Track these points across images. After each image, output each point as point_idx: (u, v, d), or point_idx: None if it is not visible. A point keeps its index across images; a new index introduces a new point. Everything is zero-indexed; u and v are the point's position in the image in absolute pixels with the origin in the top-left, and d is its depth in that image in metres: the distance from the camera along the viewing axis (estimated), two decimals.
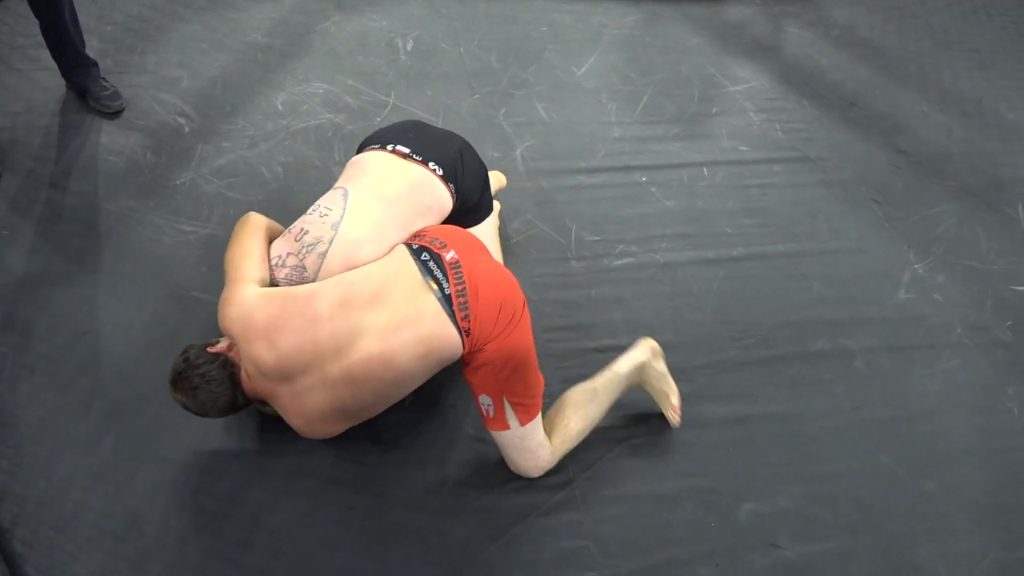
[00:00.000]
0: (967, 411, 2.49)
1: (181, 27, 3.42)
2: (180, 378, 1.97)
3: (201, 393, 1.96)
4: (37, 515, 2.04)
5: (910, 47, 3.85)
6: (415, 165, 2.13)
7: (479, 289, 1.91)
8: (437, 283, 1.90)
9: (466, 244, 2.02)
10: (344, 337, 1.87)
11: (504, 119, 3.22)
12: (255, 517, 2.08)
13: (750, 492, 2.25)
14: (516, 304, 1.98)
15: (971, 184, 3.20)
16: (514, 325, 1.95)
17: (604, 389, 2.19)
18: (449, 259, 1.93)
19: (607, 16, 3.79)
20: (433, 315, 1.87)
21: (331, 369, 1.89)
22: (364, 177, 2.12)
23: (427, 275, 1.91)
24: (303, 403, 1.94)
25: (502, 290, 1.96)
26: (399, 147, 2.15)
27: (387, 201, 2.07)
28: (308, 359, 1.89)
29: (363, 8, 3.63)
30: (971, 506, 2.28)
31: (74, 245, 2.62)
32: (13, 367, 2.32)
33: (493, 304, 1.92)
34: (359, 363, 1.87)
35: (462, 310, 1.88)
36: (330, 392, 1.90)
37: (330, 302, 1.90)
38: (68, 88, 3.08)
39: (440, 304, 1.88)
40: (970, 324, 2.72)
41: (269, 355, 1.91)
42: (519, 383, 2.01)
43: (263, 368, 1.93)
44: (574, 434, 2.16)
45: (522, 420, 2.03)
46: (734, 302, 2.70)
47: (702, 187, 3.06)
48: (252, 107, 3.14)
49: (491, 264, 2.02)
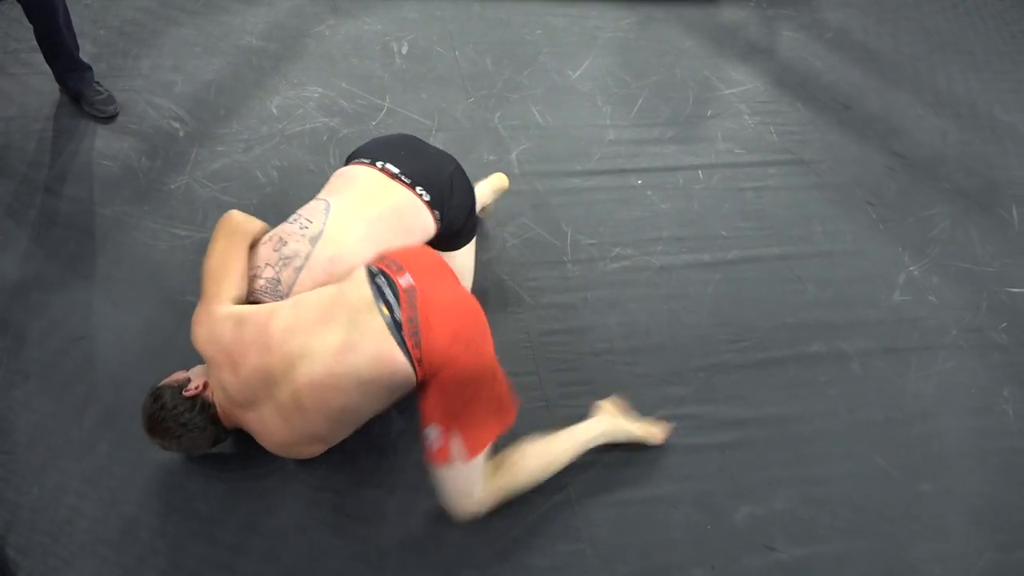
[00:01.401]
0: (962, 413, 2.49)
1: (175, 31, 3.42)
2: (158, 425, 1.94)
3: (185, 440, 1.96)
4: (31, 521, 2.03)
5: (904, 50, 3.86)
6: (402, 188, 2.08)
7: (431, 316, 1.83)
8: (388, 307, 1.83)
9: (426, 268, 1.94)
10: (291, 362, 1.83)
11: (499, 122, 3.22)
12: (250, 523, 2.08)
13: (746, 495, 2.25)
14: (473, 333, 1.90)
15: (965, 186, 3.21)
16: (470, 354, 1.87)
17: (559, 449, 2.14)
18: (404, 284, 1.86)
19: (601, 19, 3.79)
20: (379, 340, 1.80)
21: (282, 395, 1.85)
22: (348, 192, 2.08)
23: (379, 298, 1.84)
24: (269, 429, 1.91)
25: (457, 318, 1.88)
26: (388, 165, 2.10)
27: (368, 221, 2.02)
28: (263, 384, 1.86)
29: (357, 12, 3.63)
30: (966, 507, 2.28)
31: (68, 250, 2.61)
32: (7, 372, 2.31)
33: (445, 332, 1.83)
34: (305, 388, 1.82)
35: (412, 336, 1.80)
36: (285, 418, 1.87)
37: (282, 325, 1.85)
38: (62, 93, 3.07)
39: (388, 329, 1.80)
40: (965, 326, 2.72)
41: (233, 380, 1.88)
42: (469, 412, 1.91)
43: (229, 393, 1.91)
44: (516, 487, 2.07)
45: (468, 453, 1.92)
46: (729, 305, 2.70)
47: (697, 190, 3.06)
48: (247, 111, 3.13)
49: (449, 291, 1.94)
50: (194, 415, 1.94)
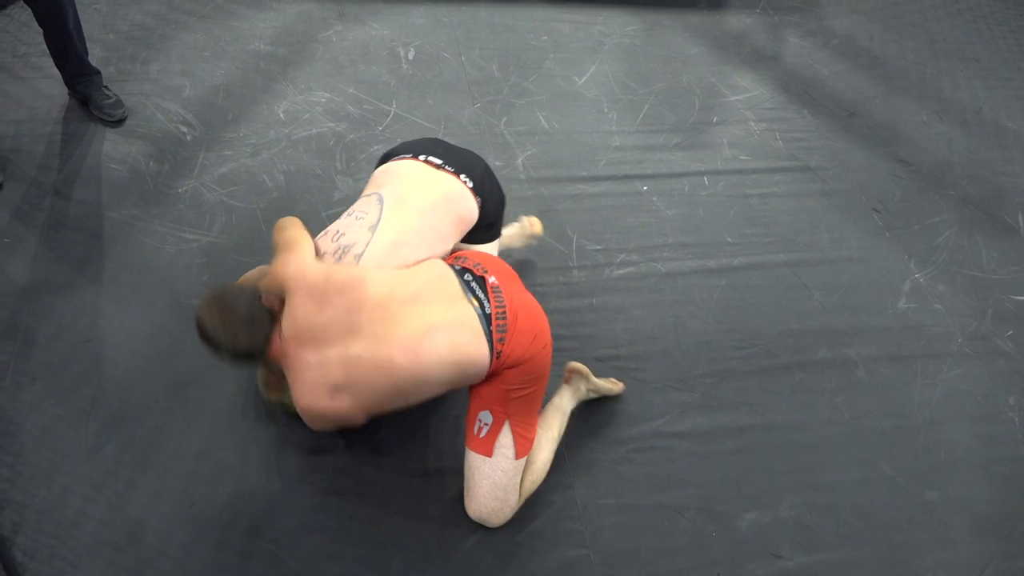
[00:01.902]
0: (968, 420, 2.49)
1: (184, 36, 3.43)
2: (226, 300, 1.87)
3: (237, 324, 1.85)
4: (37, 524, 2.04)
5: (910, 57, 3.86)
6: (449, 176, 2.16)
7: (519, 315, 1.94)
8: (479, 301, 1.93)
9: (504, 272, 2.05)
10: (382, 324, 1.87)
11: (505, 128, 3.22)
12: (255, 527, 2.08)
13: (751, 502, 2.25)
14: (546, 338, 2.02)
15: (971, 194, 3.21)
16: (543, 356, 1.99)
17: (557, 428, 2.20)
18: (491, 283, 1.97)
19: (608, 25, 3.80)
20: (471, 328, 1.89)
21: (358, 349, 1.86)
22: (399, 183, 2.14)
23: (468, 292, 1.94)
24: (316, 375, 1.87)
25: (538, 321, 2.00)
26: (431, 158, 2.18)
27: (422, 210, 2.08)
28: (343, 332, 1.87)
29: (365, 17, 3.65)
30: (973, 515, 2.28)
31: (76, 253, 2.62)
32: (15, 375, 2.32)
33: (529, 332, 1.95)
34: (388, 351, 1.86)
35: (500, 332, 1.91)
36: (348, 370, 1.86)
37: (378, 289, 1.91)
38: (71, 96, 3.09)
39: (479, 320, 1.90)
40: (971, 333, 2.72)
41: (312, 313, 1.89)
42: (525, 410, 2.01)
43: (300, 324, 1.88)
44: (539, 479, 2.13)
45: (518, 452, 2.01)
46: (735, 311, 2.70)
47: (703, 196, 3.06)
48: (254, 116, 3.14)
49: (527, 295, 2.06)
50: (264, 314, 1.90)
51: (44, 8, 2.75)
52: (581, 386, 2.31)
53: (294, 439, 2.24)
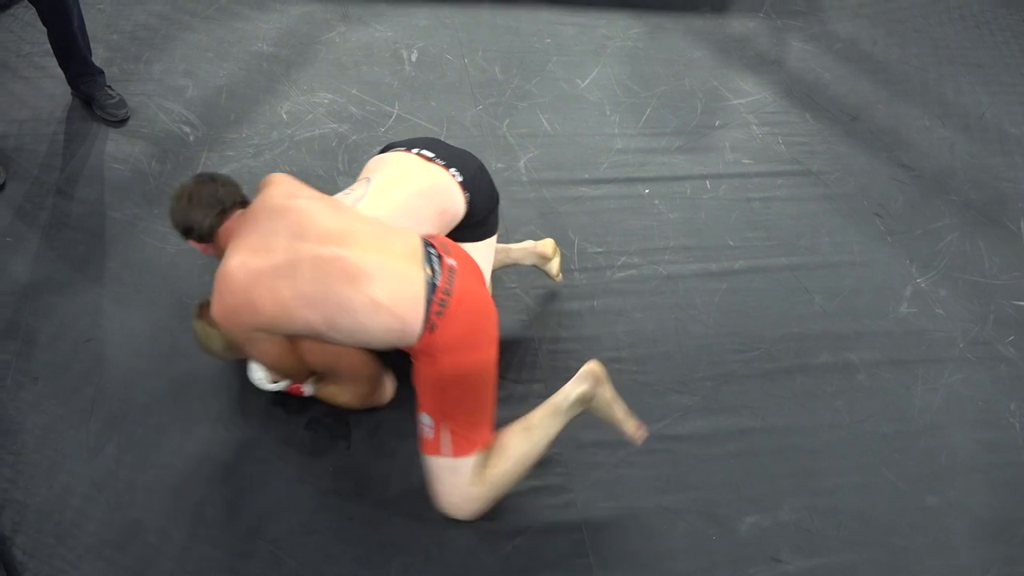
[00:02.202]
0: (969, 425, 2.49)
1: (187, 36, 3.43)
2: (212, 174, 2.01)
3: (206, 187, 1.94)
4: (38, 523, 2.04)
5: (912, 61, 3.86)
6: (439, 168, 2.17)
7: (464, 301, 1.90)
8: (432, 271, 1.89)
9: (467, 264, 2.02)
10: (337, 233, 1.86)
11: (508, 130, 3.23)
12: (255, 527, 2.08)
13: (751, 505, 2.25)
14: (485, 336, 1.97)
15: (973, 199, 3.21)
16: (477, 352, 1.94)
17: (541, 426, 2.05)
18: (448, 263, 1.94)
19: (610, 28, 3.80)
20: (414, 287, 1.85)
21: (303, 247, 1.83)
22: (388, 170, 2.18)
23: (427, 260, 1.91)
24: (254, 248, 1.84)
25: (480, 317, 1.95)
26: (424, 151, 2.21)
27: (408, 193, 2.12)
28: (301, 224, 1.86)
29: (368, 19, 3.65)
30: (974, 520, 2.28)
31: (78, 253, 2.62)
32: (16, 374, 2.32)
33: (468, 321, 1.91)
34: (329, 258, 1.82)
35: (440, 305, 1.86)
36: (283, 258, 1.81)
37: (346, 214, 1.94)
38: (74, 96, 3.09)
39: (424, 285, 1.86)
40: (972, 339, 2.72)
41: (282, 196, 1.93)
42: (463, 411, 1.96)
43: (265, 202, 1.92)
44: (509, 477, 2.04)
45: (455, 451, 1.97)
46: (736, 315, 2.70)
47: (705, 200, 3.07)
48: (257, 116, 3.15)
49: (483, 292, 2.03)
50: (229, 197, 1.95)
51: (48, 7, 2.76)
52: (585, 386, 2.06)
53: (295, 440, 2.24)
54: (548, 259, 2.56)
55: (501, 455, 2.04)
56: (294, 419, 2.27)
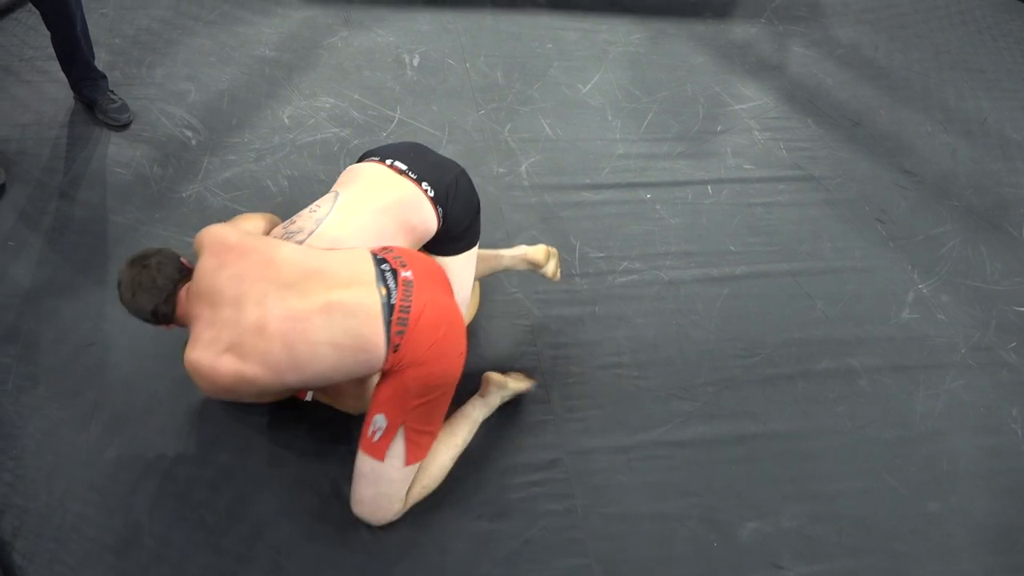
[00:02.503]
0: (971, 431, 2.49)
1: (190, 41, 3.44)
2: (142, 257, 2.01)
3: (144, 275, 1.96)
4: (38, 528, 2.04)
5: (914, 67, 3.86)
6: (408, 182, 2.12)
7: (424, 314, 1.88)
8: (387, 290, 1.88)
9: (428, 272, 1.99)
10: (280, 292, 1.86)
11: (509, 135, 3.23)
12: (256, 532, 2.08)
13: (752, 511, 2.24)
14: (451, 345, 1.95)
15: (975, 204, 3.21)
16: (444, 362, 1.93)
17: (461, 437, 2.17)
18: (404, 276, 1.91)
19: (612, 34, 3.81)
20: (369, 314, 1.84)
21: (251, 313, 1.85)
22: (356, 184, 2.14)
23: (380, 280, 1.89)
24: (207, 334, 1.88)
25: (443, 327, 1.93)
26: (397, 163, 2.15)
27: (373, 211, 2.08)
28: (240, 294, 1.87)
29: (371, 24, 3.66)
30: (975, 527, 2.27)
31: (80, 256, 2.62)
32: (17, 378, 2.32)
33: (431, 333, 1.89)
34: (278, 319, 1.83)
35: (399, 324, 1.86)
36: (238, 333, 1.84)
37: (285, 256, 1.92)
38: (76, 100, 3.10)
39: (381, 309, 1.85)
40: (974, 344, 2.72)
41: (213, 271, 1.92)
42: (424, 418, 1.96)
43: (201, 282, 1.93)
44: (431, 486, 2.10)
45: (408, 459, 1.97)
46: (738, 320, 2.70)
47: (706, 205, 3.07)
48: (259, 121, 3.15)
49: (445, 300, 2.00)
50: (170, 268, 1.99)
51: (52, 11, 2.76)
52: (495, 398, 2.28)
53: (296, 445, 2.24)
54: (540, 266, 2.51)
55: (430, 470, 2.08)
56: (295, 424, 2.27)
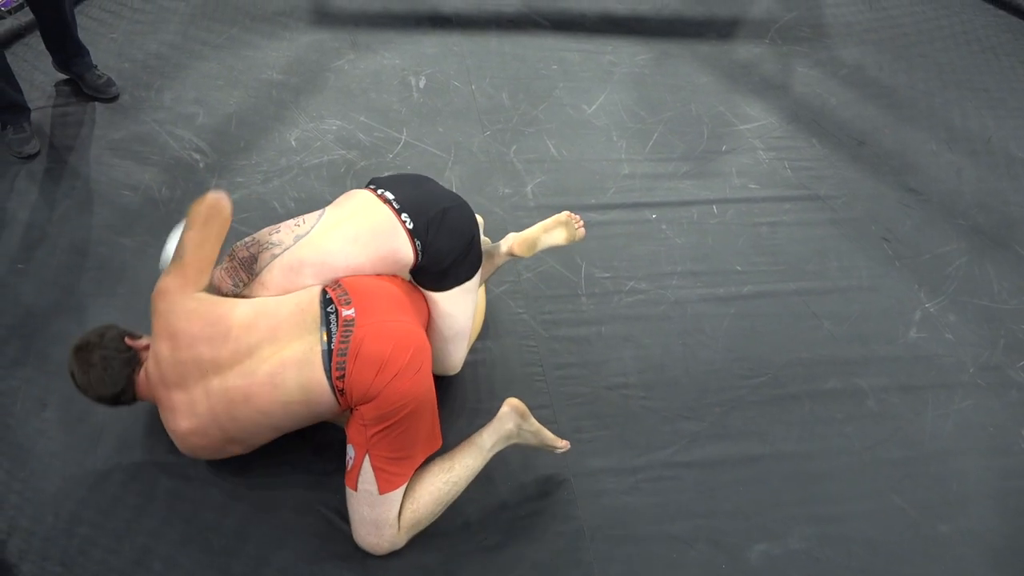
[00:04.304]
0: (981, 452, 2.47)
1: (198, 64, 3.48)
2: (84, 350, 2.01)
3: (92, 373, 1.99)
4: (44, 551, 2.04)
5: (919, 86, 3.87)
6: (389, 211, 2.09)
7: (361, 348, 1.88)
8: (328, 335, 1.90)
9: (373, 300, 1.97)
10: (238, 359, 1.91)
11: (515, 156, 3.24)
12: (263, 554, 2.07)
13: (761, 533, 2.23)
14: (403, 364, 1.90)
15: (981, 223, 3.20)
16: (398, 385, 1.88)
17: (461, 463, 2.07)
18: (345, 315, 1.92)
19: (617, 55, 3.83)
20: (314, 364, 1.89)
21: (214, 386, 1.92)
22: (341, 209, 2.15)
23: (323, 325, 1.91)
24: (190, 412, 1.95)
25: (391, 349, 1.89)
26: (386, 192, 2.14)
27: (345, 238, 2.08)
28: (198, 371, 1.93)
29: (377, 46, 3.69)
30: (986, 549, 2.25)
31: (88, 279, 2.64)
32: (25, 401, 2.33)
33: (372, 364, 1.87)
34: (240, 388, 1.90)
35: (339, 369, 1.88)
36: (211, 407, 1.93)
37: (240, 322, 1.94)
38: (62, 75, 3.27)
39: (321, 357, 1.89)
40: (982, 364, 2.70)
41: (169, 358, 1.95)
42: (389, 445, 1.92)
43: (161, 368, 1.96)
44: (424, 514, 2.03)
45: (380, 488, 1.94)
46: (744, 340, 2.69)
47: (712, 225, 3.07)
48: (266, 143, 3.18)
49: (392, 323, 1.95)
50: (118, 360, 2.01)
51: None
52: (510, 424, 2.12)
53: (303, 467, 2.24)
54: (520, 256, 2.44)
55: (419, 495, 2.02)
56: (301, 448, 2.27)
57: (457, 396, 2.42)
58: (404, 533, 2.03)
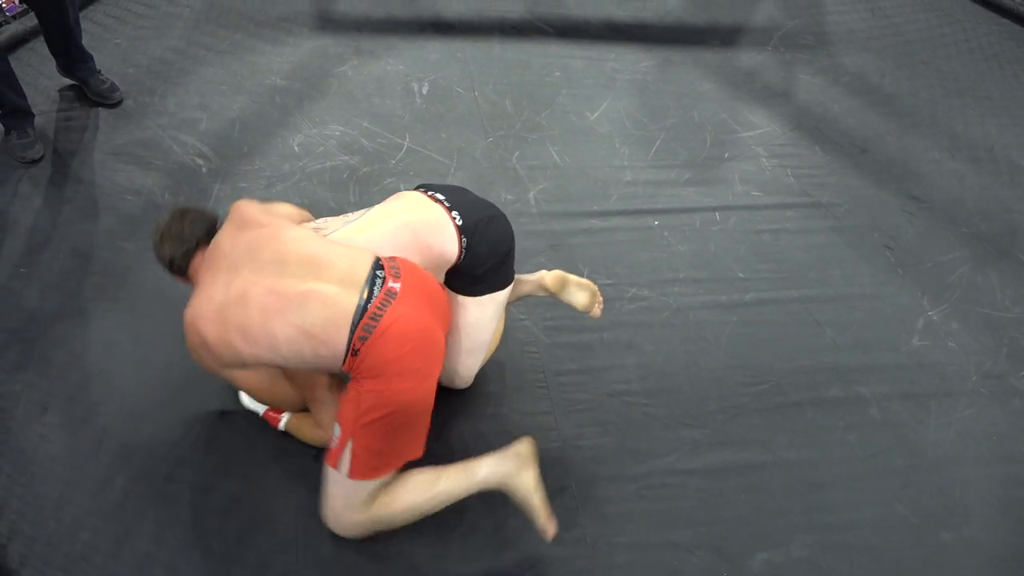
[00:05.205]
0: (984, 460, 2.46)
1: (201, 70, 3.48)
2: (185, 211, 2.12)
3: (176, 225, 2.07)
4: (45, 556, 2.04)
5: (921, 94, 3.87)
6: (440, 208, 2.15)
7: (393, 326, 1.87)
8: (369, 295, 1.89)
9: (419, 290, 1.98)
10: (273, 267, 1.92)
11: (518, 162, 3.25)
12: (264, 561, 2.07)
13: (763, 541, 2.23)
14: (419, 365, 1.91)
15: (984, 231, 3.20)
16: (402, 381, 1.89)
17: (447, 482, 2.02)
18: (390, 287, 1.92)
19: (620, 62, 3.84)
20: (343, 312, 1.87)
21: (240, 280, 1.91)
22: (393, 203, 2.21)
23: (368, 283, 1.91)
24: (203, 294, 1.94)
25: (411, 343, 1.90)
26: (437, 194, 2.20)
27: (396, 224, 2.13)
28: (238, 262, 1.94)
29: (380, 52, 3.70)
30: (989, 557, 2.25)
31: (91, 284, 2.64)
32: (27, 405, 2.33)
33: (394, 347, 1.87)
34: (261, 291, 1.88)
35: (364, 330, 1.86)
36: (226, 295, 1.90)
37: (294, 237, 1.98)
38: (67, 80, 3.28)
39: (354, 310, 1.87)
40: (985, 372, 2.70)
41: (225, 238, 2.03)
42: (373, 438, 1.92)
43: (214, 245, 2.03)
44: (395, 516, 2.01)
45: (350, 472, 1.94)
46: (747, 347, 2.69)
47: (714, 232, 3.07)
48: (269, 148, 3.18)
49: (424, 319, 1.95)
50: (200, 227, 2.08)
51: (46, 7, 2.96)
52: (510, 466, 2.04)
53: (306, 472, 2.24)
54: (552, 293, 2.42)
55: (396, 497, 2.01)
56: (302, 453, 2.27)
57: (458, 401, 2.42)
58: (368, 524, 2.02)
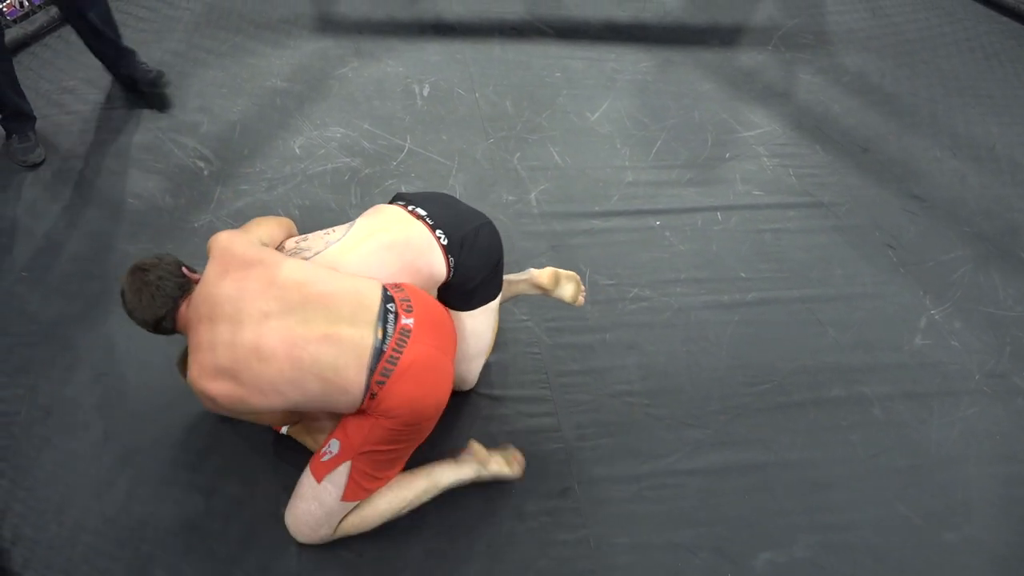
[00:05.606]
0: (986, 460, 2.46)
1: (202, 72, 3.49)
2: (142, 269, 1.96)
3: (145, 292, 1.93)
4: (48, 559, 2.04)
5: (922, 93, 3.87)
6: (422, 225, 2.12)
7: (410, 368, 1.86)
8: (384, 334, 1.87)
9: (431, 322, 1.97)
10: (280, 311, 1.85)
11: (519, 163, 3.25)
12: (266, 563, 2.07)
13: (766, 541, 2.22)
14: (428, 403, 1.93)
15: (986, 229, 3.19)
16: (420, 419, 1.92)
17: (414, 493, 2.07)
18: (403, 324, 1.90)
19: (620, 62, 3.83)
20: (359, 355, 1.84)
21: (249, 333, 1.84)
22: (373, 219, 2.16)
23: (380, 320, 1.88)
24: (205, 354, 1.87)
25: (427, 383, 1.91)
26: (418, 209, 2.16)
27: (381, 245, 2.08)
28: (237, 310, 1.85)
29: (381, 54, 3.70)
30: (992, 557, 2.24)
31: (92, 287, 2.65)
32: (29, 409, 2.33)
33: (411, 390, 1.87)
34: (275, 342, 1.83)
35: (382, 374, 1.84)
36: (233, 353, 1.84)
37: (292, 276, 1.90)
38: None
39: (370, 351, 1.85)
40: (988, 371, 2.70)
41: (213, 283, 1.90)
42: (374, 467, 1.95)
43: (202, 293, 1.91)
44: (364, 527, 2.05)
45: (346, 495, 1.96)
46: (749, 347, 2.69)
47: (716, 232, 3.07)
48: (270, 151, 3.18)
49: (438, 357, 1.96)
50: (170, 283, 1.94)
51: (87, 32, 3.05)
52: (469, 470, 2.15)
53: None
54: (548, 290, 2.44)
55: (368, 512, 2.03)
56: (304, 457, 2.26)
57: (461, 403, 2.42)
58: (333, 536, 2.04)
